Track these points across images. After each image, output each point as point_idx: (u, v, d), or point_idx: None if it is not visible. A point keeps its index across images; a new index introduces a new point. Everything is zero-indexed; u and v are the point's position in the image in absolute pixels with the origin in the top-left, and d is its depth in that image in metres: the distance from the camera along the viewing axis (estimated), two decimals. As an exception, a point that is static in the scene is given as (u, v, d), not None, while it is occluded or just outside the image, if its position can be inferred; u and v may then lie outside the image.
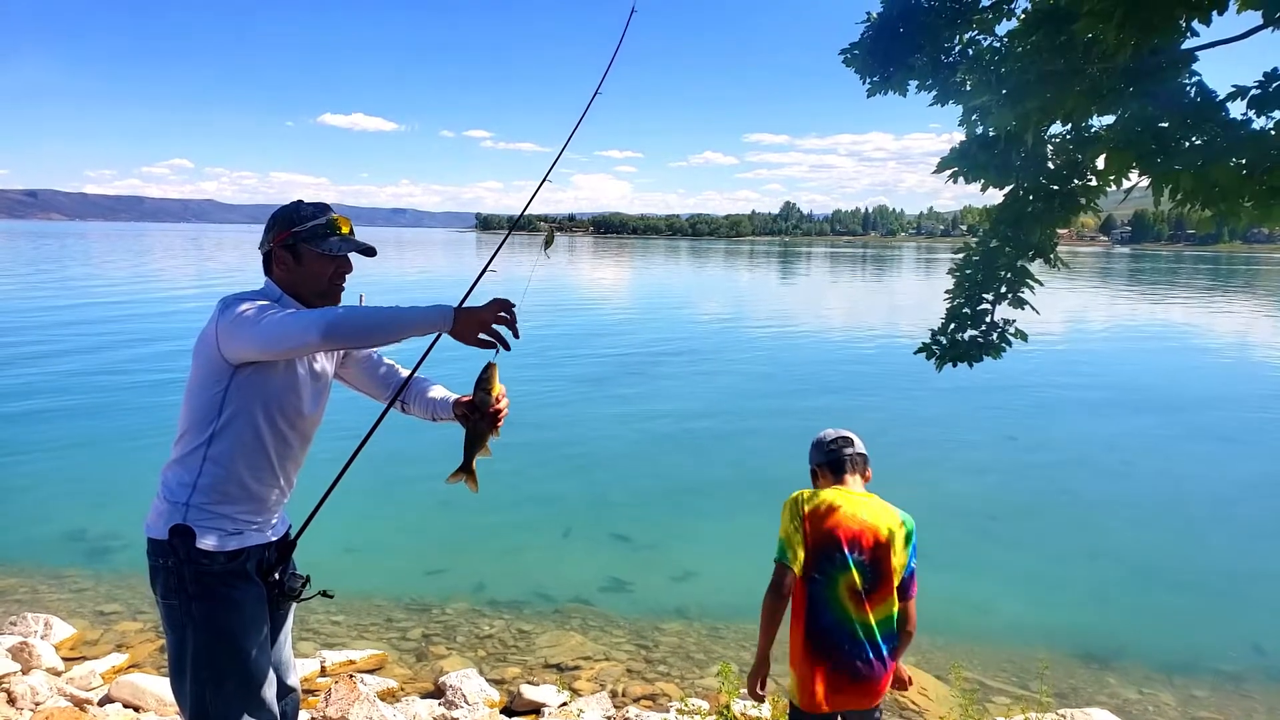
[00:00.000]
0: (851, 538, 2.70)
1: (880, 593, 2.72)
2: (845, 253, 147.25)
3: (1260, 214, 3.37)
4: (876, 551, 2.69)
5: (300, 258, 2.51)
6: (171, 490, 2.43)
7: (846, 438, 2.95)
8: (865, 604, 2.69)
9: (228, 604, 2.42)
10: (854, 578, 2.68)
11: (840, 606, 2.69)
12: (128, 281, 40.88)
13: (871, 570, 2.70)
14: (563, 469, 10.91)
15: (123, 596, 6.91)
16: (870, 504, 2.80)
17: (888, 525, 2.74)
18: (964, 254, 4.92)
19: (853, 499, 2.77)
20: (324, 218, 2.53)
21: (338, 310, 2.34)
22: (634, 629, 6.78)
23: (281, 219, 2.53)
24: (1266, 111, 3.40)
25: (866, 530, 2.71)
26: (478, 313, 2.30)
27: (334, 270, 2.55)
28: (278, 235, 2.51)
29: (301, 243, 2.50)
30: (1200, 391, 17.20)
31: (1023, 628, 7.04)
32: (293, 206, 2.56)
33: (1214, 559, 8.57)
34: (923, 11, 4.40)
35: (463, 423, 2.69)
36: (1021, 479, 11.01)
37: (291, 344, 2.29)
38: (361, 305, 2.33)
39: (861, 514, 2.74)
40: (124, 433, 11.83)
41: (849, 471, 2.88)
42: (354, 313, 2.28)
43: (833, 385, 17.11)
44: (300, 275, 2.52)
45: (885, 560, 2.70)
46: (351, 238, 2.57)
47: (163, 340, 20.13)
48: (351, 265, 2.61)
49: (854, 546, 2.69)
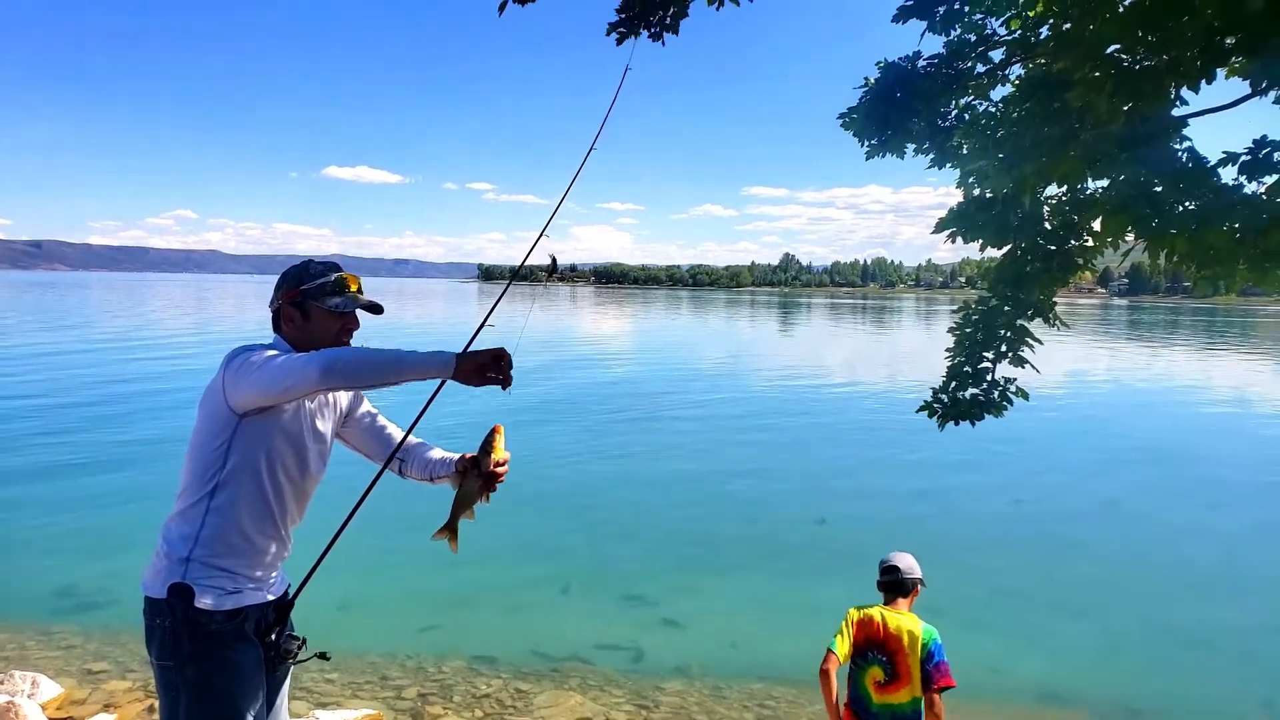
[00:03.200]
0: (878, 643, 3.59)
1: (896, 684, 3.54)
2: (845, 303, 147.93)
3: (1255, 277, 3.41)
4: (895, 655, 3.55)
5: (308, 314, 2.56)
6: (172, 544, 2.42)
7: (895, 566, 3.79)
8: (882, 690, 3.57)
9: (224, 665, 2.40)
10: (877, 671, 3.58)
11: (864, 689, 3.61)
12: (124, 333, 41.02)
13: (889, 667, 3.56)
14: (562, 523, 10.83)
15: (112, 654, 6.80)
16: (901, 619, 3.61)
17: (910, 635, 3.56)
18: (963, 313, 4.96)
19: (888, 615, 3.64)
20: (332, 276, 2.59)
21: (339, 350, 2.36)
22: (634, 688, 6.67)
23: (291, 277, 2.60)
24: (1257, 177, 3.47)
25: (891, 639, 3.57)
26: (477, 358, 2.31)
27: (340, 327, 2.60)
28: (287, 293, 2.57)
29: (309, 300, 2.56)
30: (1203, 445, 17.17)
31: (1033, 687, 6.93)
32: (303, 265, 2.63)
33: (1222, 614, 8.47)
34: (919, 78, 4.50)
35: (455, 481, 2.70)
36: (1027, 535, 10.91)
37: (292, 382, 2.29)
38: (364, 347, 2.35)
39: (890, 626, 3.59)
40: (115, 487, 11.74)
41: (894, 594, 3.76)
42: (355, 352, 2.31)
43: (836, 440, 17.05)
44: (308, 331, 2.57)
45: (902, 661, 3.54)
46: (358, 296, 2.63)
47: (158, 394, 20.12)
48: (358, 322, 2.66)
49: (880, 650, 3.58)
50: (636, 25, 4.36)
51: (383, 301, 2.73)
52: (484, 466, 2.62)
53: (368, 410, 2.86)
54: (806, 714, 6.35)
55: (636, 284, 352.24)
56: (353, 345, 2.56)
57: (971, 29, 4.51)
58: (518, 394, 2.39)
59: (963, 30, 4.53)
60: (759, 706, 6.45)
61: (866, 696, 3.57)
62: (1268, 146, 3.47)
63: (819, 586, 8.73)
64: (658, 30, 4.16)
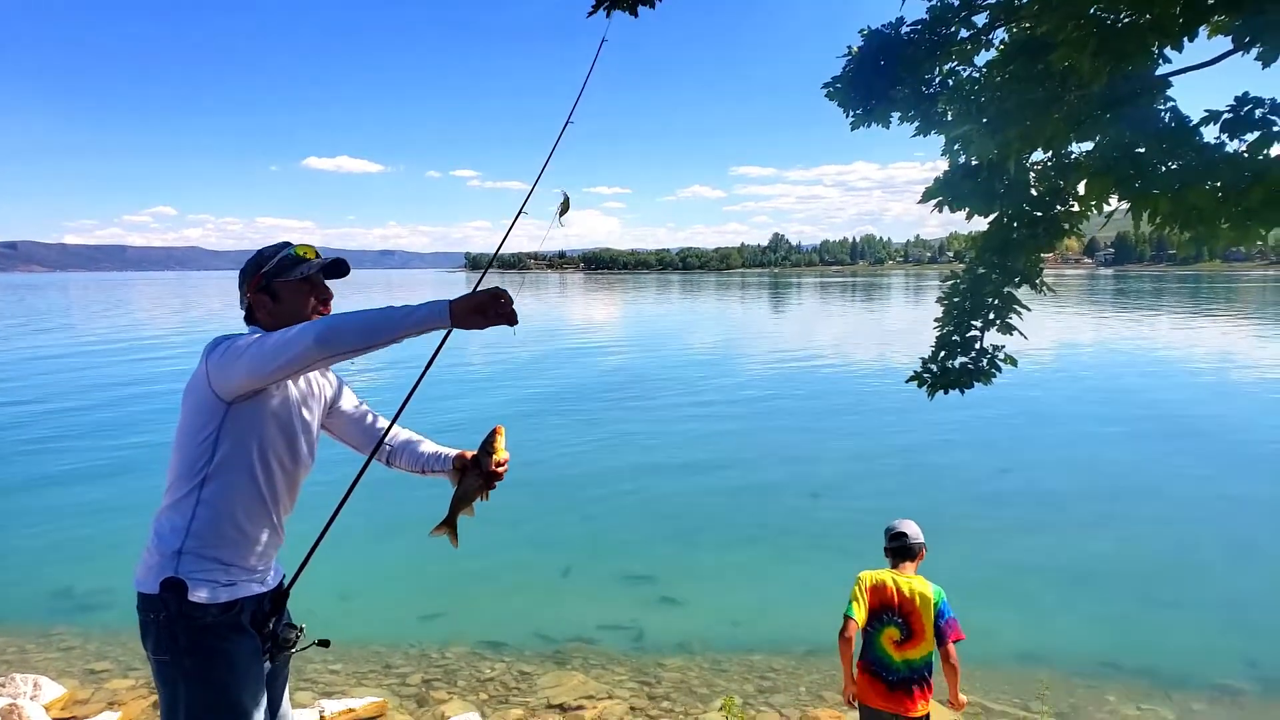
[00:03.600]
0: (893, 606, 3.83)
1: (913, 641, 3.80)
2: (835, 282, 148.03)
3: (1236, 235, 3.43)
4: (910, 616, 3.81)
5: (277, 295, 2.54)
6: (163, 538, 2.40)
7: (902, 533, 4.02)
8: (901, 648, 3.82)
9: (221, 658, 2.38)
10: (894, 631, 3.82)
11: (881, 649, 3.85)
12: (108, 333, 40.79)
13: (905, 627, 3.81)
14: (560, 507, 10.87)
15: (113, 654, 6.81)
16: (913, 583, 3.86)
17: (921, 596, 3.81)
18: (951, 283, 4.98)
19: (899, 579, 3.89)
20: (288, 250, 2.57)
21: (330, 316, 2.33)
22: (635, 666, 6.72)
23: (250, 268, 2.58)
24: (1239, 135, 3.47)
25: (905, 601, 3.82)
26: (475, 299, 2.18)
27: (315, 299, 2.58)
28: (251, 282, 2.55)
29: (274, 280, 2.53)
30: (1186, 410, 17.29)
31: (1022, 649, 7.03)
32: (255, 255, 2.61)
33: (1206, 574, 8.60)
34: (902, 44, 4.49)
35: (455, 477, 2.71)
36: (1014, 501, 11.01)
37: (288, 356, 2.23)
38: (354, 311, 2.26)
39: (904, 590, 3.84)
40: (108, 487, 11.73)
41: (901, 559, 3.99)
42: (347, 316, 2.23)
43: (826, 413, 17.13)
44: (283, 312, 2.53)
45: (916, 621, 3.80)
46: (318, 259, 2.59)
47: (148, 395, 19.99)
48: (331, 292, 2.64)
49: (895, 612, 3.83)
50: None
51: (370, 294, 2.69)
52: (485, 466, 2.62)
53: (352, 400, 2.84)
54: (805, 683, 6.42)
55: (626, 269, 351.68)
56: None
57: (954, -6, 4.50)
58: (515, 381, 2.38)
59: (945, -4, 4.52)
60: (759, 678, 6.51)
61: (885, 655, 3.82)
62: (1249, 104, 3.48)
63: (813, 561, 8.81)
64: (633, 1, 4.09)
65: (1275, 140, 3.37)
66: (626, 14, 4.03)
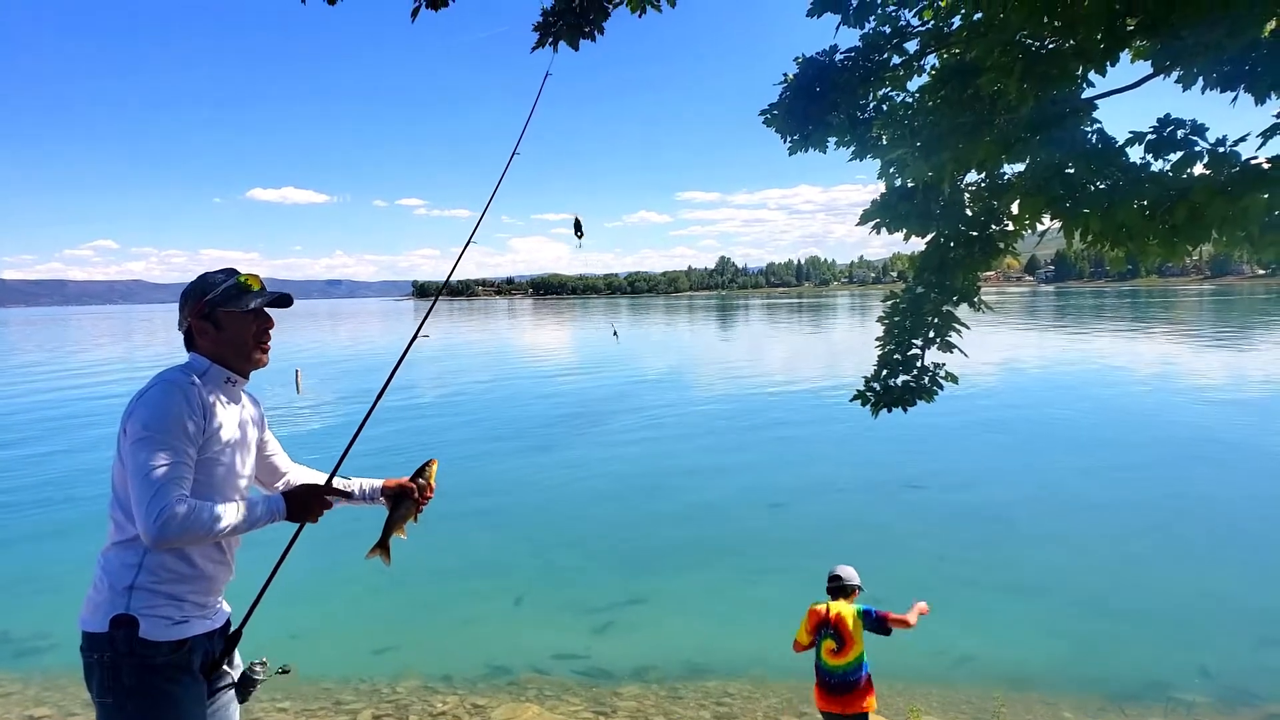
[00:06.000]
0: (829, 623, 4.55)
1: (845, 649, 4.49)
2: (782, 303, 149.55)
3: (1165, 251, 3.54)
4: (840, 629, 4.50)
5: (220, 324, 2.51)
6: (114, 573, 2.33)
7: (838, 575, 4.75)
8: (835, 655, 4.51)
9: (167, 701, 2.32)
10: (830, 643, 4.52)
11: (822, 659, 4.56)
12: (49, 368, 39.55)
13: (838, 638, 4.50)
14: (511, 535, 10.74)
15: (52, 699, 6.57)
16: (842, 607, 4.59)
17: (846, 612, 4.53)
18: (892, 302, 5.05)
19: (831, 605, 4.62)
20: (233, 279, 2.54)
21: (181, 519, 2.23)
22: (591, 696, 6.65)
23: (193, 292, 2.53)
24: (1162, 155, 3.60)
25: (836, 618, 4.54)
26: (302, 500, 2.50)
27: (256, 328, 2.56)
28: (194, 308, 2.51)
29: (218, 308, 2.50)
30: (1129, 423, 17.74)
31: (978, 667, 7.10)
32: (199, 279, 2.57)
33: (1156, 587, 8.76)
34: (837, 71, 4.58)
35: (389, 502, 2.82)
36: (965, 519, 11.16)
37: (138, 514, 2.22)
38: (203, 510, 2.27)
39: (833, 612, 4.56)
40: (46, 527, 11.29)
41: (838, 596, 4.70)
42: (192, 520, 2.24)
43: (776, 435, 17.24)
44: (224, 340, 2.51)
45: (847, 634, 4.49)
46: (264, 291, 2.58)
47: (85, 429, 19.46)
48: (273, 321, 2.63)
49: (828, 627, 4.54)
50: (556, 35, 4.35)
51: (315, 324, 2.69)
52: (421, 490, 2.81)
53: (270, 441, 2.81)
54: (762, 708, 6.40)
55: (575, 294, 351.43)
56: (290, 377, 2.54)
57: (886, 21, 4.62)
58: (462, 409, 2.39)
59: (877, 23, 4.63)
60: (715, 704, 6.48)
61: (824, 663, 4.56)
62: (1171, 125, 3.61)
63: (766, 584, 8.81)
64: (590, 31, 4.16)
65: (1197, 159, 3.51)
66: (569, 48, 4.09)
